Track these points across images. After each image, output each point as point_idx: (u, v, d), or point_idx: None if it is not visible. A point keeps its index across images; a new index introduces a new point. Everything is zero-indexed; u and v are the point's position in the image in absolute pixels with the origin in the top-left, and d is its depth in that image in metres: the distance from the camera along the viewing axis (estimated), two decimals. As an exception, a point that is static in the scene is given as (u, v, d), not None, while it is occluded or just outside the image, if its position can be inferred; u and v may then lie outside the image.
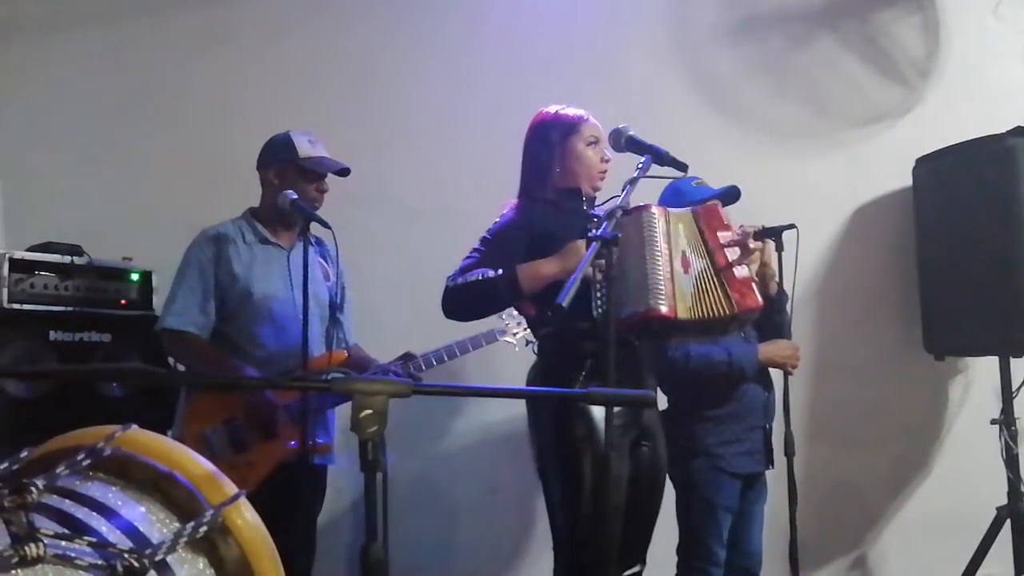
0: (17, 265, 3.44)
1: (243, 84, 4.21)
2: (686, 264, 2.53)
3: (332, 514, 3.75)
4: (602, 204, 2.74)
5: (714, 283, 2.53)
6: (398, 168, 4.09)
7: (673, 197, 3.20)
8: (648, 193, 2.57)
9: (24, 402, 3.34)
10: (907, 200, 3.76)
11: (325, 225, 2.97)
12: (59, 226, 3.87)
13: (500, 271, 2.52)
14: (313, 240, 3.16)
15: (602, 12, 4.06)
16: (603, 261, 2.16)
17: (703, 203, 3.19)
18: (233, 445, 2.93)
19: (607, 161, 2.75)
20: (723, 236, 2.59)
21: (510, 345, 3.28)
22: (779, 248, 3.25)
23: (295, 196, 2.99)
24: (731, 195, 3.26)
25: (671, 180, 2.54)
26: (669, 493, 3.21)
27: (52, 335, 3.49)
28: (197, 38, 4.29)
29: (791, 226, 3.24)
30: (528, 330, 3.14)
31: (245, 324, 3.07)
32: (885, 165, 3.80)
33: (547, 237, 2.58)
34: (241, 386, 2.84)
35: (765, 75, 3.92)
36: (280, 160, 3.19)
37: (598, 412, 2.43)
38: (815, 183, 3.80)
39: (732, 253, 2.56)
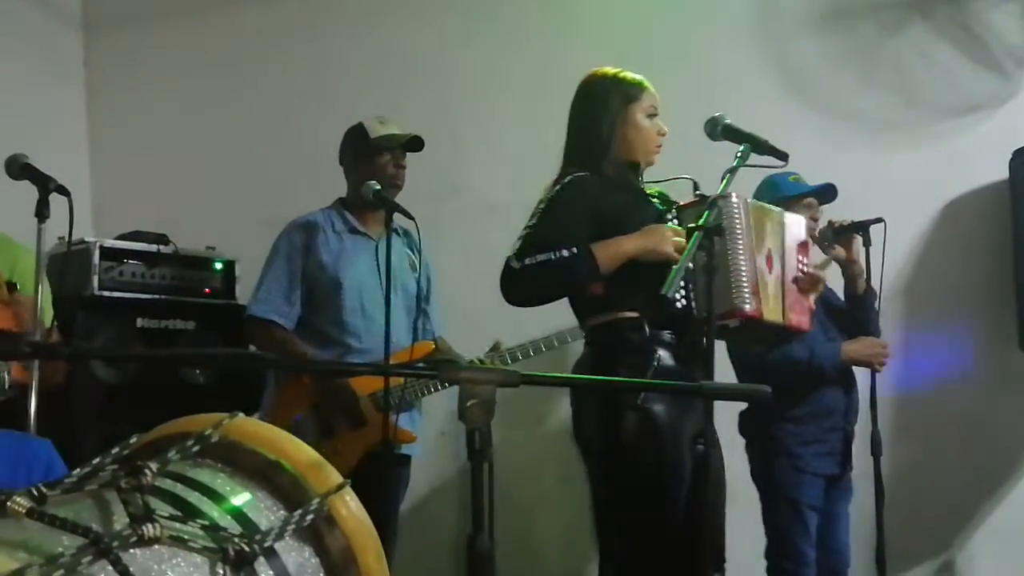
0: (107, 253, 3.54)
1: (323, 77, 4.26)
2: (770, 263, 2.44)
3: (433, 504, 3.78)
4: (655, 181, 2.60)
5: (782, 290, 2.46)
6: (477, 161, 4.09)
7: (769, 191, 3.14)
8: (742, 180, 2.49)
9: (112, 387, 3.43)
10: (1003, 194, 3.62)
11: (408, 216, 2.98)
12: (146, 215, 3.97)
13: (574, 250, 2.29)
14: (401, 231, 3.17)
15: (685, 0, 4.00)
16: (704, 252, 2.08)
17: (798, 198, 3.15)
18: (322, 431, 2.96)
19: (663, 135, 2.55)
20: (799, 252, 2.54)
21: None
22: (866, 243, 3.18)
23: (379, 187, 3.00)
24: (827, 192, 3.19)
25: (768, 168, 2.44)
26: (748, 499, 3.18)
27: (139, 322, 3.58)
28: (279, 32, 4.35)
29: (879, 220, 3.16)
30: None
31: (336, 314, 3.09)
32: (980, 157, 3.66)
33: (614, 215, 2.39)
34: (348, 372, 2.82)
35: (854, 64, 3.80)
36: (355, 146, 3.23)
37: (659, 408, 2.29)
38: (905, 176, 3.68)
39: (802, 270, 2.52)
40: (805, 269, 2.54)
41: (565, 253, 2.29)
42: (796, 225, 2.59)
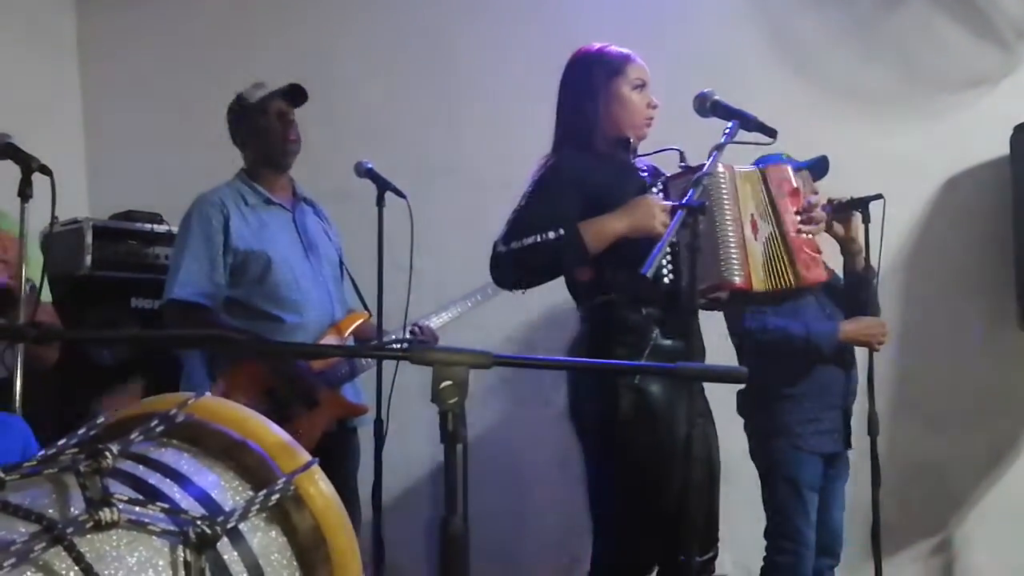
0: (100, 232, 3.53)
1: (319, 58, 4.21)
2: (755, 228, 2.41)
3: (408, 486, 3.77)
4: (645, 154, 2.55)
5: (781, 250, 2.42)
6: (473, 141, 4.05)
7: None
8: (734, 160, 2.46)
9: (108, 367, 3.43)
10: (1003, 169, 3.58)
11: (400, 195, 2.97)
12: (141, 194, 3.95)
13: (560, 231, 2.26)
14: (310, 202, 3.15)
15: (682, -25, 3.95)
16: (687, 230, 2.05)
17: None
18: (279, 417, 2.85)
19: (654, 107, 2.49)
20: (791, 201, 2.47)
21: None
22: (865, 220, 3.15)
23: (370, 165, 2.99)
24: (820, 167, 3.16)
25: (757, 146, 2.40)
26: (749, 478, 3.16)
27: (134, 301, 3.57)
28: (275, 9, 4.31)
29: (878, 196, 3.12)
30: None
31: (271, 290, 2.94)
32: (980, 133, 3.62)
33: (600, 191, 2.35)
34: (321, 354, 2.74)
35: (853, 39, 3.75)
36: (239, 117, 3.14)
37: (655, 388, 2.28)
38: (905, 152, 3.64)
39: (800, 218, 2.45)
40: (801, 215, 2.47)
41: (551, 235, 2.27)
42: (778, 176, 2.51)
